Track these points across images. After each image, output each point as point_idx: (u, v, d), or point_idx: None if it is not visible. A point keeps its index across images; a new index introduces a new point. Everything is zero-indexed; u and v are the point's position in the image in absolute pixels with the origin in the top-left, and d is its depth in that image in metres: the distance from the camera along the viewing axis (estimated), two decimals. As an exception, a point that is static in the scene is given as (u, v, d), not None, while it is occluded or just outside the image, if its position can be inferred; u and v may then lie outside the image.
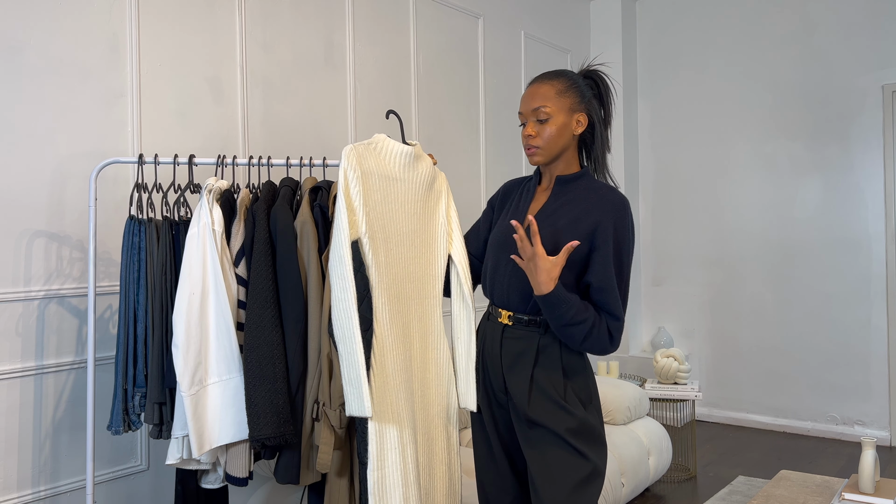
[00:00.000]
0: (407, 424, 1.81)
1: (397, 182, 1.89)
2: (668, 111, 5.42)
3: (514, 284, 1.84)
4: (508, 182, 2.07)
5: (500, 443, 1.90)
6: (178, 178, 2.26)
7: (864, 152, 4.65)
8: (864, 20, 4.64)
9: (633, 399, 3.72)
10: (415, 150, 1.93)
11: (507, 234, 1.88)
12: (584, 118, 1.85)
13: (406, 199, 1.91)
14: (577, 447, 1.76)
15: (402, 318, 1.86)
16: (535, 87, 1.86)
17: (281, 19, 3.25)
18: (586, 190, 1.85)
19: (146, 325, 2.10)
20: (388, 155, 1.89)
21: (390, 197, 1.87)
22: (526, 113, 1.86)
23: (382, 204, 1.85)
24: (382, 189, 1.86)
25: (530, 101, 1.85)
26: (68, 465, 2.50)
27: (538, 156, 1.85)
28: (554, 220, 1.82)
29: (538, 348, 1.81)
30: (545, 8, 5.03)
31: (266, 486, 2.74)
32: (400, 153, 1.90)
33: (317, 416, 2.05)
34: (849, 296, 4.70)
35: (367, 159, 1.84)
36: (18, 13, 2.40)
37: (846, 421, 4.72)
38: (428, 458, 1.91)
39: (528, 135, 1.84)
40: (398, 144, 1.91)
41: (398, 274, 1.86)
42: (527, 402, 1.79)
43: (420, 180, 1.94)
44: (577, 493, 1.75)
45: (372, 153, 1.87)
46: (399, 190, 1.89)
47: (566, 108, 1.83)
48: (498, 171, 4.49)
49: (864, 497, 2.54)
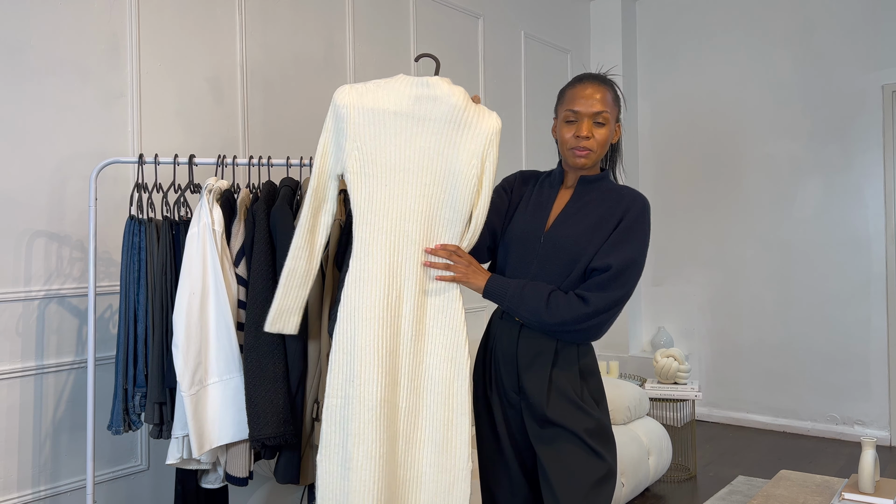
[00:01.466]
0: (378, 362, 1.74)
1: (401, 116, 1.79)
2: (667, 111, 5.42)
3: None
4: (523, 172, 2.06)
5: (511, 443, 1.88)
6: (178, 178, 2.26)
7: (864, 152, 4.65)
8: (864, 20, 4.64)
9: (633, 399, 3.72)
10: (430, 81, 1.79)
11: (527, 231, 1.88)
12: (619, 129, 1.93)
13: (413, 133, 1.79)
14: (594, 447, 1.76)
15: (394, 256, 1.78)
16: (594, 89, 1.85)
17: (281, 19, 3.25)
18: (609, 191, 1.89)
19: (146, 325, 2.10)
20: (396, 86, 1.81)
21: (389, 131, 1.79)
22: (584, 113, 1.84)
23: (374, 138, 1.79)
24: (376, 123, 1.79)
25: (592, 102, 1.83)
26: (68, 465, 2.50)
27: (587, 158, 1.86)
28: (578, 218, 1.84)
29: (556, 348, 1.81)
30: (545, 8, 5.03)
31: (266, 485, 2.74)
32: (410, 83, 1.80)
33: (317, 416, 2.06)
34: (849, 296, 4.70)
35: (363, 95, 1.81)
36: (18, 13, 2.40)
37: (846, 421, 4.72)
38: (411, 400, 1.79)
39: (585, 136, 1.83)
40: (413, 78, 1.82)
41: (394, 210, 1.79)
42: (545, 402, 1.79)
43: (437, 115, 1.79)
44: (595, 493, 1.75)
45: (373, 89, 1.82)
46: (403, 124, 1.80)
47: (615, 116, 1.89)
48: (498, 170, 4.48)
49: (864, 497, 2.54)
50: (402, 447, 1.78)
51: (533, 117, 4.82)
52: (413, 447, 1.79)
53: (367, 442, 1.72)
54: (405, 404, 1.77)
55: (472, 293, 1.92)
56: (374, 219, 1.78)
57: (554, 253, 1.82)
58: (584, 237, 1.81)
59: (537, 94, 4.86)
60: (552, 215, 1.89)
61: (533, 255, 1.85)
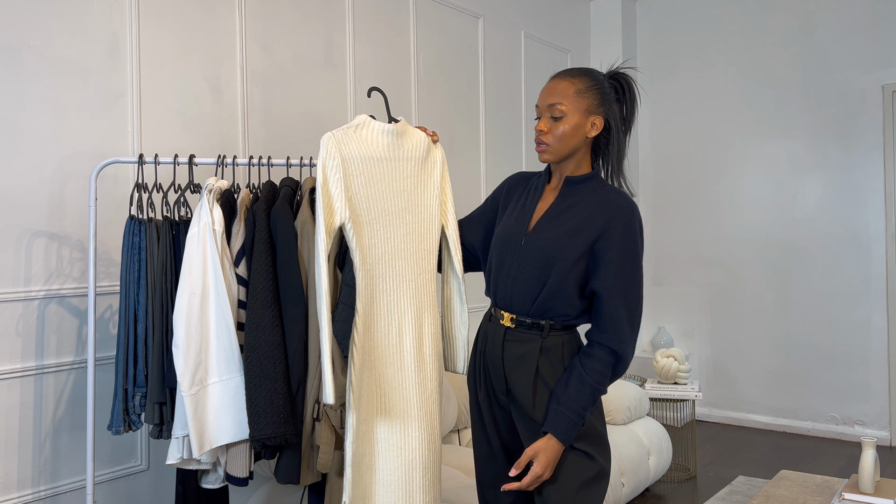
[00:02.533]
0: (387, 398, 1.88)
1: (383, 161, 1.90)
2: (667, 111, 5.42)
3: (516, 287, 1.82)
4: (514, 176, 2.03)
5: (500, 443, 1.89)
6: (178, 178, 2.26)
7: (864, 152, 4.65)
8: (864, 20, 4.64)
9: (633, 399, 3.72)
10: (397, 127, 1.93)
11: (510, 234, 1.86)
12: (599, 121, 1.81)
13: (394, 178, 1.92)
14: (582, 448, 1.76)
15: (392, 295, 1.89)
16: (555, 83, 1.83)
17: (281, 19, 3.25)
18: (594, 192, 1.81)
19: (146, 325, 2.10)
20: (370, 135, 1.90)
21: (375, 178, 1.89)
22: (542, 107, 1.83)
23: (367, 186, 1.87)
24: (366, 171, 1.88)
25: (547, 95, 1.82)
26: (68, 465, 2.50)
27: (546, 153, 1.82)
28: (560, 220, 1.80)
29: (541, 351, 1.80)
30: (545, 8, 5.03)
31: (266, 486, 2.74)
32: (382, 132, 1.91)
33: (317, 416, 2.05)
34: (849, 296, 4.70)
35: (347, 144, 1.86)
36: (18, 13, 2.40)
37: (846, 421, 4.72)
38: (420, 430, 1.93)
39: (540, 130, 1.81)
40: (381, 124, 1.91)
41: (388, 252, 1.89)
42: (532, 404, 1.78)
43: (408, 156, 1.95)
44: (584, 493, 1.75)
45: (353, 137, 1.88)
46: (385, 169, 1.90)
47: (583, 108, 1.79)
48: (498, 170, 4.49)
49: (864, 497, 2.54)
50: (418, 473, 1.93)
51: (533, 117, 4.81)
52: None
53: (381, 472, 1.89)
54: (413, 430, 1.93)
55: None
56: (374, 264, 1.87)
57: (533, 256, 1.79)
58: (562, 241, 1.76)
59: (537, 95, 4.84)
60: (535, 217, 1.85)
61: (514, 258, 1.83)
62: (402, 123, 1.95)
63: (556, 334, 1.81)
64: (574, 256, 1.75)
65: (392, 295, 1.89)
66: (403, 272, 1.91)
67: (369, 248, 1.86)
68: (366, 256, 1.86)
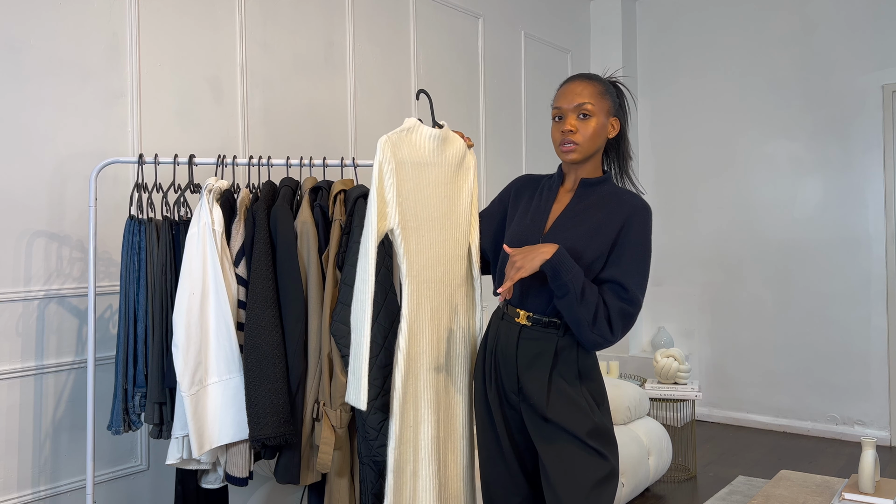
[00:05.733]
0: (428, 404, 1.87)
1: (428, 167, 1.91)
2: (667, 111, 5.42)
3: (533, 285, 1.82)
4: (521, 178, 2.04)
5: (510, 443, 1.88)
6: (178, 178, 2.26)
7: (864, 152, 4.65)
8: (864, 20, 4.64)
9: (633, 399, 3.72)
10: (442, 133, 1.94)
11: (526, 234, 1.87)
12: (617, 123, 1.88)
13: (437, 183, 1.92)
14: (595, 447, 1.76)
15: (433, 301, 1.89)
16: (578, 85, 1.84)
17: (281, 19, 3.25)
18: (610, 194, 1.85)
19: (146, 325, 2.10)
20: (420, 140, 1.90)
21: (422, 183, 1.89)
22: (566, 108, 1.83)
23: (415, 192, 1.87)
24: (415, 177, 1.87)
25: (573, 96, 1.83)
26: (68, 465, 2.50)
27: (575, 153, 1.82)
28: (577, 221, 1.82)
29: (556, 350, 1.80)
30: (545, 8, 5.03)
31: (266, 486, 2.74)
32: (430, 137, 1.91)
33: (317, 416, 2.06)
34: (849, 296, 4.70)
35: (400, 148, 1.86)
36: (18, 13, 2.40)
37: (846, 421, 4.72)
38: (447, 433, 1.95)
39: (569, 129, 1.81)
40: (428, 128, 1.92)
41: (429, 259, 1.88)
42: (545, 403, 1.78)
43: (449, 162, 1.96)
44: (597, 492, 1.75)
45: (405, 141, 1.88)
46: (430, 175, 1.91)
47: (605, 110, 1.84)
48: (498, 170, 4.49)
49: (864, 497, 2.54)
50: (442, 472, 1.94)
51: (533, 117, 4.82)
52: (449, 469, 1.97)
53: (423, 478, 1.89)
54: (442, 434, 1.94)
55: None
56: (420, 270, 1.86)
57: None
58: (583, 241, 1.78)
59: (537, 94, 4.86)
60: (551, 218, 1.88)
61: None
62: (446, 129, 1.95)
63: (572, 333, 1.81)
64: (593, 256, 1.77)
65: (433, 301, 1.89)
66: (443, 278, 1.91)
67: (416, 254, 1.85)
68: (413, 262, 1.85)
